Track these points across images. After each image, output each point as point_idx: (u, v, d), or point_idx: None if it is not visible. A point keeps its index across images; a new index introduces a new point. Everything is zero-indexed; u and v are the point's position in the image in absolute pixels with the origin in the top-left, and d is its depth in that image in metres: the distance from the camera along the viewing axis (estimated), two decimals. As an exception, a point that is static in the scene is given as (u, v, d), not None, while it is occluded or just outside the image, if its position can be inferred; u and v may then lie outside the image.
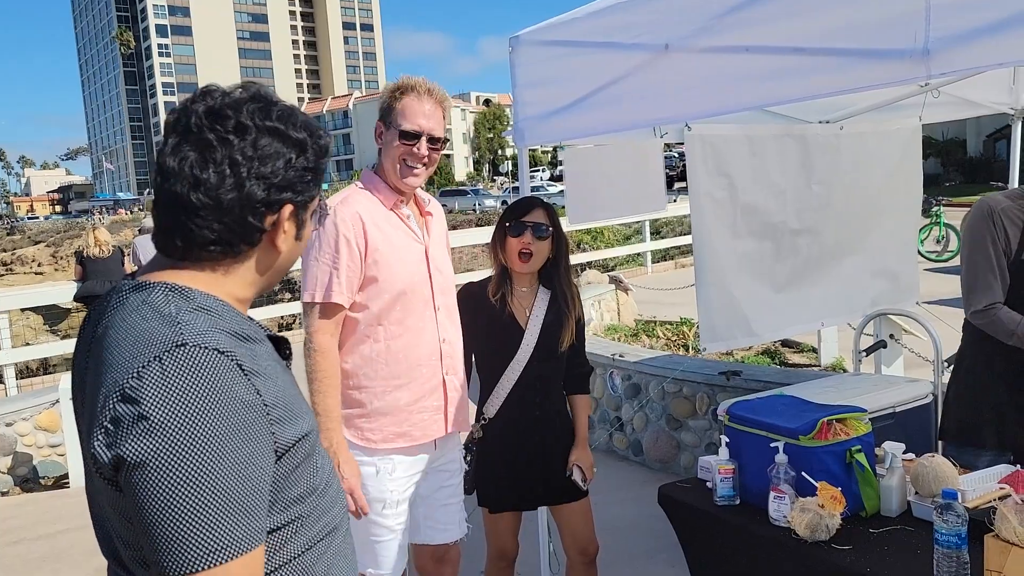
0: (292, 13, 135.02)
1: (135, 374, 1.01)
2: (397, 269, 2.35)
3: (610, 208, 3.88)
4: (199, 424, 0.99)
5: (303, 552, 1.17)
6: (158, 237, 1.18)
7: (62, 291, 9.58)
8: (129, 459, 0.98)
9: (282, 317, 12.10)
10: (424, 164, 2.37)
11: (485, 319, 2.66)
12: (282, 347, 1.28)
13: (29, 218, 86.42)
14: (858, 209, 3.99)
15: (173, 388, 1.00)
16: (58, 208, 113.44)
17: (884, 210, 4.10)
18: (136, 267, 8.36)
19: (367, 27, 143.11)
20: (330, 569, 1.22)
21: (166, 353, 1.02)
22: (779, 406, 2.50)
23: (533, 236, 2.65)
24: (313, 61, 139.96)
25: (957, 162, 26.77)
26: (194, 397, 1.00)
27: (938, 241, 13.11)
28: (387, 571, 2.42)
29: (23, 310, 10.95)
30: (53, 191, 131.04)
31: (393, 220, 2.39)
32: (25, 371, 8.14)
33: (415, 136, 2.33)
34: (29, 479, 5.64)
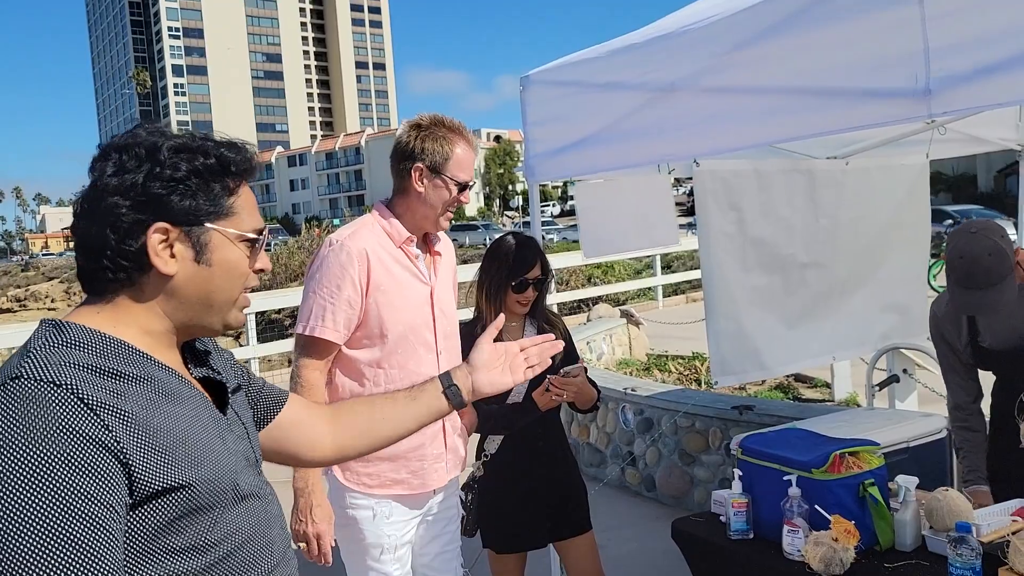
0: (306, 53, 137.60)
1: None
2: (400, 310, 2.27)
3: (623, 242, 3.91)
4: (21, 461, 0.92)
5: None
6: None
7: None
8: None
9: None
10: None
11: None
12: (219, 394, 1.21)
13: (43, 255, 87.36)
14: (866, 243, 4.01)
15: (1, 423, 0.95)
16: (72, 245, 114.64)
17: (892, 245, 4.12)
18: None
19: (379, 66, 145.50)
20: None
21: (1, 388, 0.99)
22: (792, 439, 2.50)
23: (534, 290, 2.69)
24: (326, 99, 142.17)
25: (968, 197, 26.76)
26: (19, 431, 0.94)
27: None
28: None
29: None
30: (68, 228, 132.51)
31: (402, 259, 2.31)
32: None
33: (467, 187, 2.33)
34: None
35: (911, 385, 4.62)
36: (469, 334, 2.65)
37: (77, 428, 0.96)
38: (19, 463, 0.93)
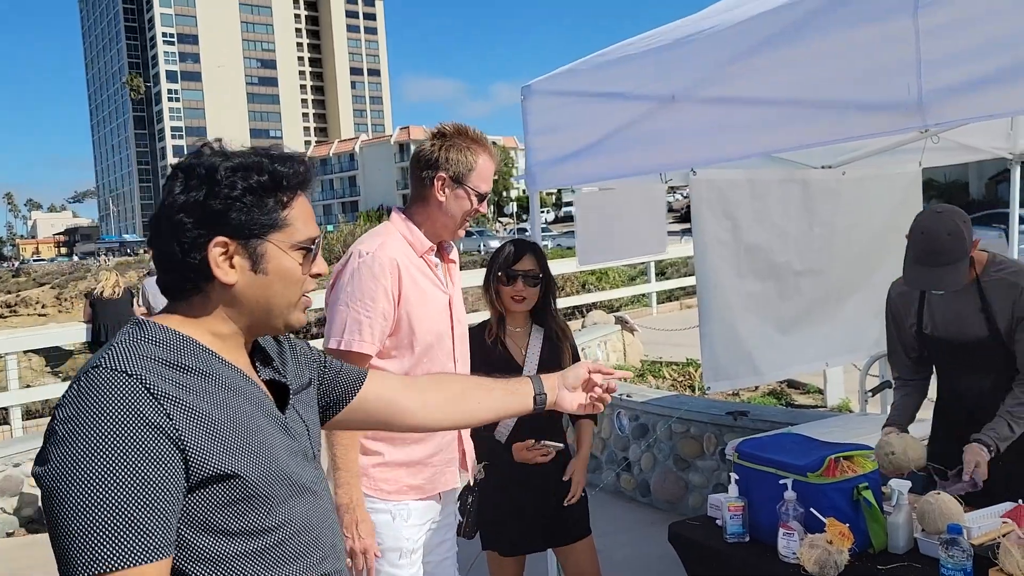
0: (300, 59, 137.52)
1: (64, 393, 1.12)
2: (425, 320, 2.28)
3: (617, 250, 3.96)
4: (90, 438, 1.04)
5: None
6: None
7: (69, 332, 9.63)
8: (35, 471, 1.08)
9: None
10: None
11: (482, 361, 2.64)
12: (280, 394, 1.31)
13: (34, 260, 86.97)
14: (860, 251, 4.06)
15: (77, 405, 1.07)
16: (63, 250, 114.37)
17: (886, 252, 4.16)
18: (144, 308, 8.40)
19: (374, 72, 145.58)
20: None
21: (84, 374, 1.11)
22: (788, 444, 2.53)
23: (524, 284, 2.72)
24: (320, 105, 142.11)
25: (960, 204, 26.80)
26: (90, 413, 1.06)
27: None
28: None
29: (26, 352, 10.98)
30: (59, 233, 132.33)
31: (423, 268, 2.32)
32: (26, 414, 8.16)
33: (486, 197, 2.34)
34: (34, 520, 5.63)
35: (903, 391, 4.66)
36: (478, 337, 2.70)
37: (140, 413, 1.07)
38: (88, 441, 1.04)
